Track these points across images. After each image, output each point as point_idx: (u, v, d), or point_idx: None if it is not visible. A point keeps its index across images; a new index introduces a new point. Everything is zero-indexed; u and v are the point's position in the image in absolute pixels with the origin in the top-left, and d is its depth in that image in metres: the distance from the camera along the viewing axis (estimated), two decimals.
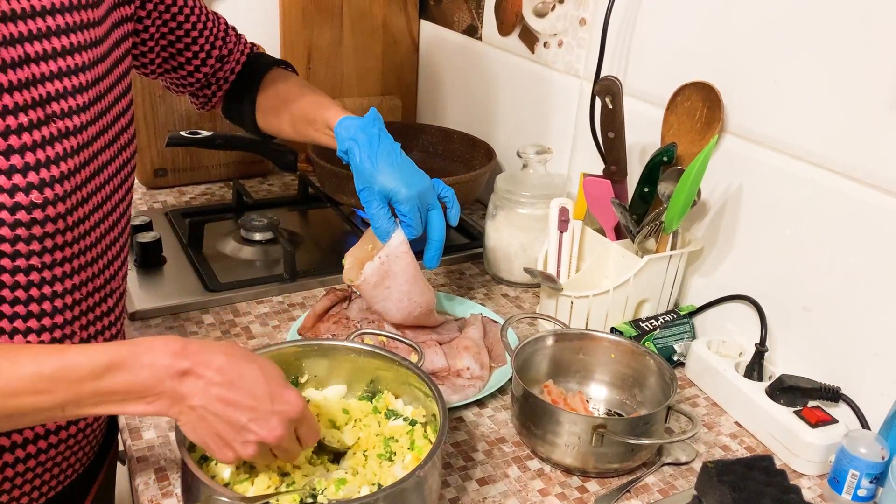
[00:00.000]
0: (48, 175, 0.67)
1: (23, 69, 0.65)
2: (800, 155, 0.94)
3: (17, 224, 0.66)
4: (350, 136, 0.97)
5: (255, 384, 0.65)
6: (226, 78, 1.06)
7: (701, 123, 1.03)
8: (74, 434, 0.81)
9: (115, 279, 0.83)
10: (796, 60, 0.93)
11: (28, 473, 0.77)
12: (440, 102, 1.72)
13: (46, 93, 0.67)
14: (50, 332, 0.73)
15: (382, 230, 0.96)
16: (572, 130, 1.31)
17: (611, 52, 1.17)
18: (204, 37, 0.99)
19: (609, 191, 1.08)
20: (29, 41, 0.65)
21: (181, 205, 1.46)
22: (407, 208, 0.95)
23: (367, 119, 0.98)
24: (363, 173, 0.96)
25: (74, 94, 0.70)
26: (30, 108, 0.65)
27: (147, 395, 0.63)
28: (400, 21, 1.69)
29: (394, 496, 0.67)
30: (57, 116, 0.68)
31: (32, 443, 0.76)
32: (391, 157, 0.96)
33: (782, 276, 0.98)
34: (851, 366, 0.91)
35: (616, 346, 0.96)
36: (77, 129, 0.71)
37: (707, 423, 0.96)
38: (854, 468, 0.80)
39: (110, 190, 0.79)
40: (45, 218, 0.67)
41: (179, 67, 1.00)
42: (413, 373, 0.81)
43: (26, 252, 0.68)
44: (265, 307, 1.14)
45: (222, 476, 0.71)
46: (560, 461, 0.86)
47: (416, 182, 0.97)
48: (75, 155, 0.70)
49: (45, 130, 0.67)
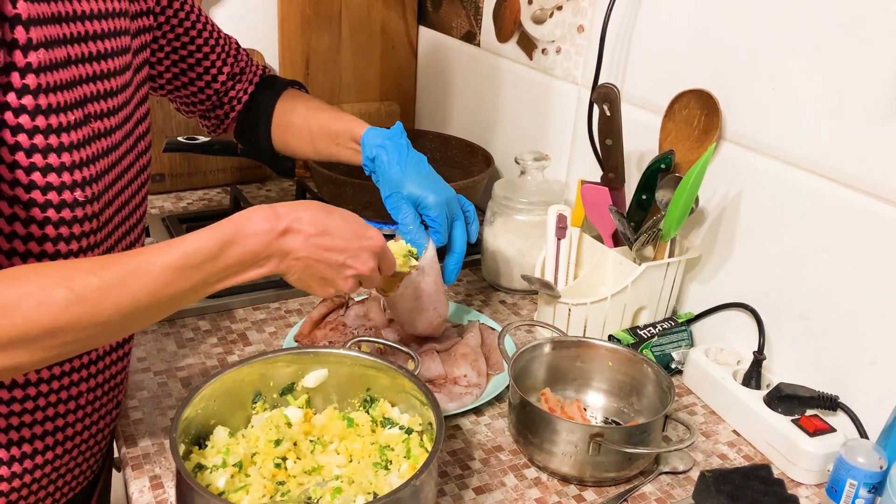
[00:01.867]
0: (88, 174, 0.69)
1: (67, 69, 0.66)
2: (797, 163, 0.94)
3: (62, 223, 0.67)
4: (377, 144, 0.98)
5: (344, 227, 0.75)
6: (238, 98, 1.05)
7: (699, 131, 1.03)
8: (87, 439, 0.82)
9: None
10: (793, 68, 0.93)
11: (44, 479, 0.78)
12: (438, 108, 1.72)
13: (83, 94, 0.69)
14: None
15: (414, 237, 0.96)
16: (570, 137, 1.31)
17: (609, 59, 1.17)
18: (216, 53, 0.99)
19: (607, 198, 1.08)
20: (70, 43, 0.67)
21: (179, 210, 1.45)
22: (436, 213, 0.96)
23: (394, 130, 1.00)
24: (391, 179, 0.97)
25: (107, 98, 0.72)
26: (72, 108, 0.67)
27: (259, 259, 0.70)
28: (398, 27, 1.69)
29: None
30: (93, 117, 0.70)
31: (51, 449, 0.77)
32: (420, 166, 0.98)
33: (780, 283, 0.98)
34: (849, 374, 0.91)
35: (613, 354, 0.96)
36: (108, 130, 0.73)
37: (705, 432, 0.96)
38: (852, 477, 0.80)
39: (130, 193, 0.80)
40: (83, 216, 0.69)
41: (191, 83, 0.99)
42: (409, 380, 0.81)
43: (66, 252, 0.69)
44: (262, 313, 1.14)
45: (217, 485, 0.71)
46: (557, 470, 0.85)
47: (444, 190, 0.98)
48: (106, 156, 0.72)
49: (86, 130, 0.69)
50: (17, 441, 0.73)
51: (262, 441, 0.77)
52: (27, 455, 0.75)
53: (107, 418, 0.85)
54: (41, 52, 0.62)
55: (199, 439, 0.78)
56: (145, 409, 0.93)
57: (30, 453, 0.75)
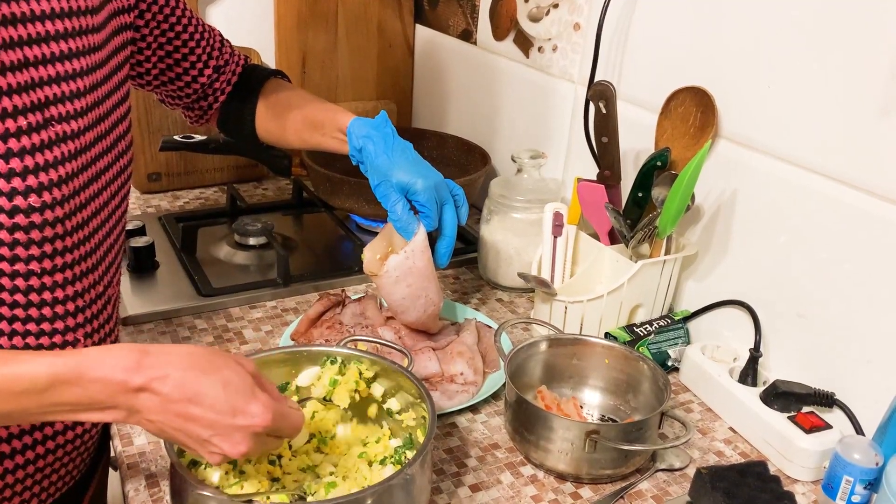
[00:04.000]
0: (46, 179, 0.67)
1: (22, 72, 0.65)
2: (793, 160, 0.94)
3: (16, 228, 0.66)
4: (363, 135, 0.98)
5: (216, 399, 0.61)
6: (222, 89, 1.05)
7: (695, 128, 1.03)
8: (72, 440, 0.81)
9: (111, 286, 0.83)
10: (790, 66, 0.93)
11: (28, 480, 0.77)
12: (435, 107, 1.71)
13: (45, 97, 0.67)
14: (50, 337, 0.73)
15: (404, 224, 0.96)
16: (567, 135, 1.31)
17: (605, 56, 1.17)
18: (201, 47, 0.99)
19: (603, 196, 1.08)
20: (28, 45, 0.65)
21: (175, 209, 1.45)
22: (425, 198, 0.95)
23: (378, 120, 1.00)
24: (379, 168, 0.96)
25: (73, 99, 0.71)
26: (29, 112, 0.66)
27: (102, 406, 0.61)
28: (395, 25, 1.69)
29: (381, 493, 0.66)
30: (55, 120, 0.68)
31: (31, 448, 0.76)
32: (406, 153, 0.98)
33: (776, 281, 0.98)
34: (846, 371, 0.91)
35: (610, 352, 0.95)
36: (75, 133, 0.71)
37: (701, 429, 0.95)
38: (848, 474, 0.80)
39: (108, 196, 0.79)
40: (43, 222, 0.68)
41: (177, 78, 0.99)
42: (404, 376, 0.81)
43: (25, 257, 0.68)
44: (258, 312, 1.13)
45: (211, 479, 0.71)
46: (553, 467, 0.85)
47: (432, 174, 0.98)
48: (73, 159, 0.71)
49: (44, 134, 0.67)
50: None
51: None
52: (5, 455, 0.74)
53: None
54: None
55: None
56: None
57: (8, 453, 0.74)
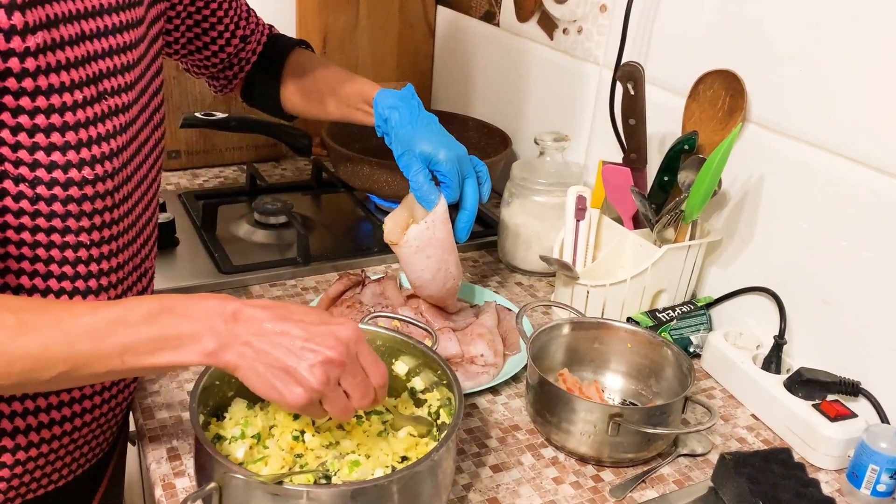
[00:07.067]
0: (99, 152, 0.68)
1: (80, 46, 0.65)
2: (822, 146, 0.92)
3: (69, 200, 0.67)
4: (390, 105, 0.98)
5: (305, 313, 0.65)
6: (248, 59, 1.05)
7: (723, 112, 1.02)
8: (105, 412, 0.82)
9: (148, 259, 0.84)
10: (820, 50, 0.91)
11: (61, 450, 0.78)
12: (455, 89, 1.70)
13: (99, 70, 0.68)
14: None
15: (425, 194, 0.96)
16: (590, 118, 1.29)
17: (632, 38, 1.16)
18: (229, 16, 0.99)
19: (628, 179, 1.07)
20: (84, 18, 0.66)
21: (194, 187, 1.45)
22: (447, 168, 0.95)
23: (405, 91, 1.00)
24: (403, 138, 0.96)
25: (123, 73, 0.71)
26: (84, 86, 0.66)
27: (200, 338, 0.61)
28: (416, 6, 1.68)
29: (407, 479, 0.66)
30: (108, 94, 0.69)
31: (69, 420, 0.77)
32: (431, 124, 0.98)
33: (801, 268, 0.97)
34: (871, 360, 0.90)
35: (633, 336, 0.95)
36: (125, 106, 0.72)
37: (723, 416, 0.95)
38: (874, 463, 0.79)
39: (146, 169, 0.79)
40: (94, 194, 0.69)
41: (204, 47, 1.00)
42: (429, 355, 0.80)
43: (76, 228, 0.69)
44: (278, 290, 1.13)
45: (236, 456, 0.71)
46: (575, 450, 0.85)
47: (456, 146, 0.98)
48: (123, 132, 0.71)
49: (98, 107, 0.68)
50: (34, 411, 0.73)
51: (280, 414, 0.77)
52: (44, 425, 0.75)
53: (125, 392, 0.85)
54: (42, 33, 0.61)
55: (217, 411, 0.77)
56: (162, 381, 0.92)
57: (46, 423, 0.75)
